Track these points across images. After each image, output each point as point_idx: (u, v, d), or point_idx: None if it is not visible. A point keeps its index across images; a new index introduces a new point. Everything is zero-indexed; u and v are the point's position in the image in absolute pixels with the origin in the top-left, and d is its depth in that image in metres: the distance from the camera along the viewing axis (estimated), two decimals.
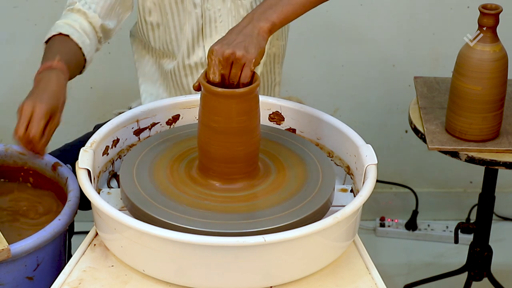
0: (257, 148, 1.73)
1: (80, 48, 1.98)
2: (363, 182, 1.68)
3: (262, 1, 2.06)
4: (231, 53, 1.66)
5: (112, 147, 1.83)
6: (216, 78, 1.67)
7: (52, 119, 1.82)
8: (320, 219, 1.59)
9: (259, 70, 2.13)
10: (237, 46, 1.67)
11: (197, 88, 1.70)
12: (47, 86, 1.83)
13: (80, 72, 2.04)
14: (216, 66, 1.67)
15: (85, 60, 2.01)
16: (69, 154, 2.08)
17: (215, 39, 2.03)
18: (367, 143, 1.76)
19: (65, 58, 1.91)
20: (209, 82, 1.67)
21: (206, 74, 1.68)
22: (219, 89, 1.65)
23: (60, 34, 1.98)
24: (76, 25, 2.00)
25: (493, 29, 2.13)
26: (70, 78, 1.94)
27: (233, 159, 1.69)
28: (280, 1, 1.79)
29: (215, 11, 2.05)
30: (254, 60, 1.67)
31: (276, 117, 1.93)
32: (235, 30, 1.73)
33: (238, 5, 2.04)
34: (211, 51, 1.67)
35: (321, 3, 1.89)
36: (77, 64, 1.98)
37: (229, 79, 1.68)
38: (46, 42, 1.99)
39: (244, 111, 1.67)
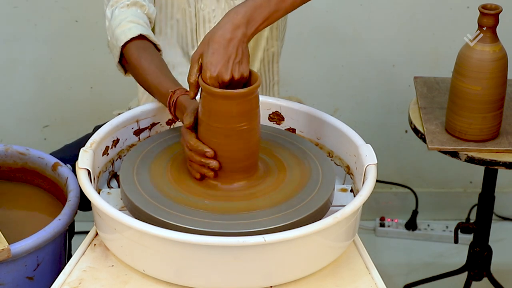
0: (257, 148, 1.73)
1: (159, 50, 1.93)
2: (363, 182, 1.68)
3: None
4: (230, 78, 1.66)
5: (112, 147, 1.83)
6: None
7: None
8: (320, 219, 1.59)
9: (256, 68, 2.13)
10: (235, 69, 1.66)
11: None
12: None
13: None
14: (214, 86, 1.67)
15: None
16: (68, 155, 2.08)
17: None
18: (366, 143, 1.77)
19: (169, 74, 1.85)
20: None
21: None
22: (219, 90, 1.65)
23: (140, 36, 1.87)
24: (141, 22, 1.89)
25: (493, 29, 2.13)
26: None
27: (233, 159, 1.69)
28: (268, 2, 1.71)
29: (209, 11, 2.04)
30: (247, 76, 1.68)
31: (276, 117, 1.93)
32: (225, 39, 1.65)
33: (232, 6, 2.03)
34: (212, 78, 1.65)
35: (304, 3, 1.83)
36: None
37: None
38: (123, 46, 1.87)
39: (244, 112, 1.66)
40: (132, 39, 1.86)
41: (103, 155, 1.80)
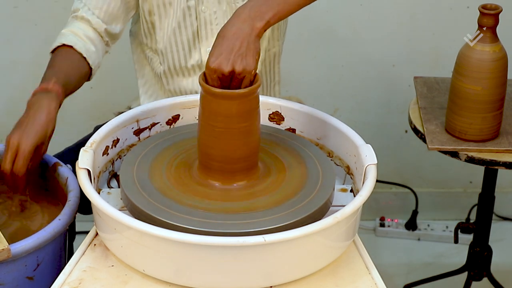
0: (257, 148, 1.73)
1: (85, 58, 1.97)
2: (363, 182, 1.68)
3: None
4: (230, 71, 1.64)
5: (112, 147, 1.83)
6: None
7: (37, 151, 1.81)
8: (320, 219, 1.59)
9: (257, 69, 2.12)
10: (236, 61, 1.64)
11: None
12: (36, 116, 1.81)
13: (88, 79, 2.02)
14: (215, 82, 1.66)
15: (91, 68, 2.00)
16: (68, 156, 2.08)
17: (211, 41, 2.03)
18: (367, 143, 1.77)
19: (65, 76, 1.89)
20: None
21: (205, 75, 1.68)
22: (219, 90, 1.64)
23: (64, 45, 1.97)
24: (80, 33, 1.99)
25: (493, 29, 2.13)
26: (73, 91, 1.94)
27: (233, 160, 1.69)
28: None
29: (210, 14, 2.04)
30: (253, 71, 1.66)
31: (276, 117, 1.93)
32: (230, 32, 1.66)
33: (233, 8, 2.03)
34: (210, 69, 1.64)
35: (314, 1, 1.85)
36: (80, 75, 1.97)
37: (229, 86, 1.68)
38: (52, 51, 1.98)
39: (244, 112, 1.67)
40: (60, 47, 1.97)
41: (103, 155, 1.80)
